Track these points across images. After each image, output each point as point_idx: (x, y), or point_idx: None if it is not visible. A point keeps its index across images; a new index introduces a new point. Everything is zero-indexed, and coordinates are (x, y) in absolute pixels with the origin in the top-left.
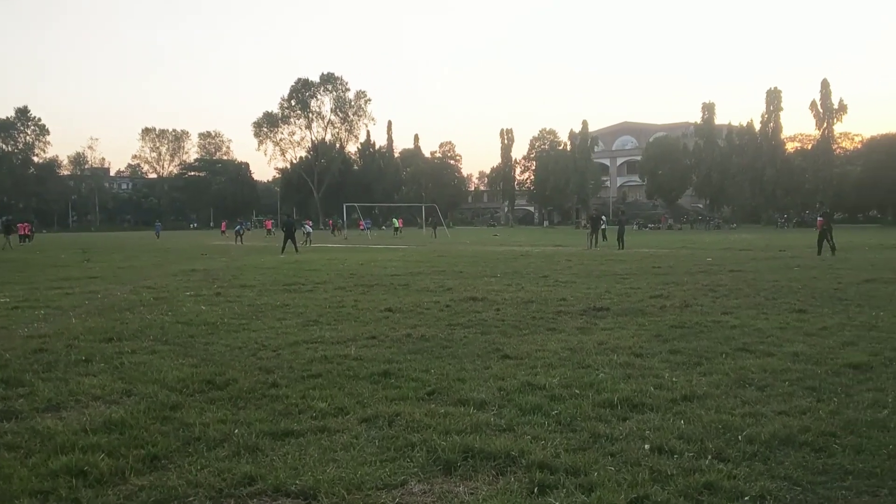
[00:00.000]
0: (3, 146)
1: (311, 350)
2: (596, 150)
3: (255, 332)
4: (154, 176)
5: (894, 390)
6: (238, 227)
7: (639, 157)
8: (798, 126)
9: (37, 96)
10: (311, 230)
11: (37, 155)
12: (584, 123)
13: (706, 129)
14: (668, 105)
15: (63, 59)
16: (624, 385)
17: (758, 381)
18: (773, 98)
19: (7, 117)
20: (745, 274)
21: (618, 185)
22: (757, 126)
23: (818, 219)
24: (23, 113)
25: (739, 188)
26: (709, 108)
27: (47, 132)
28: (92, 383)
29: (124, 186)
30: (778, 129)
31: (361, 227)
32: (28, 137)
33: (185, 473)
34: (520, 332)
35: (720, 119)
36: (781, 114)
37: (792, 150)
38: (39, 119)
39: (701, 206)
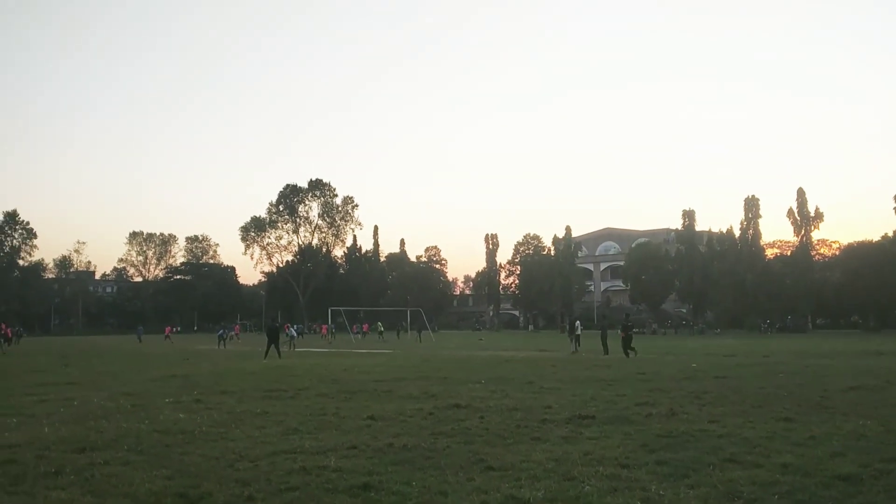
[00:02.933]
0: None
1: (290, 461)
2: (579, 255)
3: (234, 441)
4: (140, 279)
5: None
6: (221, 331)
7: (622, 262)
8: (777, 232)
9: (27, 199)
10: (295, 334)
11: (22, 258)
12: (568, 229)
13: (687, 235)
14: (649, 211)
15: (54, 162)
16: (610, 499)
17: (747, 494)
18: (752, 205)
19: None
20: (731, 380)
21: (601, 289)
22: (737, 232)
23: (620, 331)
24: (11, 217)
25: (722, 293)
26: (689, 215)
27: (35, 236)
28: (60, 497)
29: (109, 290)
30: (757, 235)
31: (355, 331)
32: (15, 241)
33: None
34: (504, 441)
35: (700, 225)
36: (760, 220)
37: (772, 256)
38: (28, 223)
39: (684, 310)
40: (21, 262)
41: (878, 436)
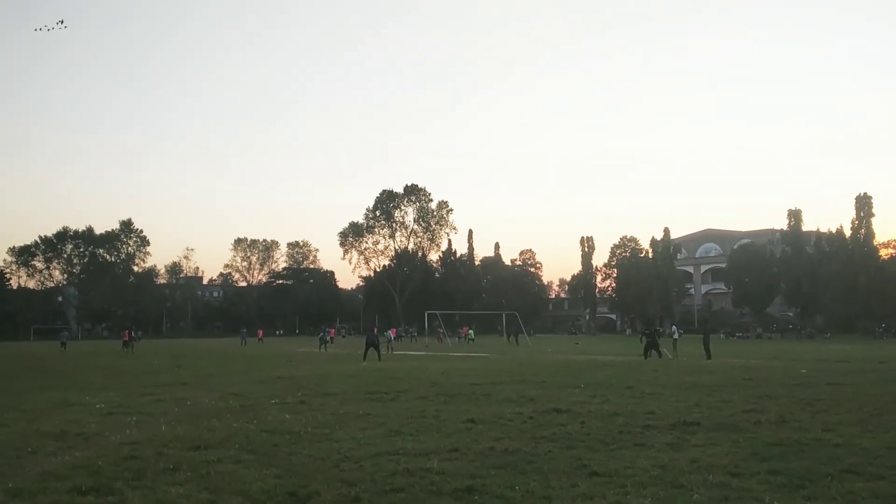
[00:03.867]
0: (108, 256)
1: (394, 462)
2: (679, 257)
3: (338, 442)
4: (244, 284)
5: None
6: (322, 333)
7: (723, 265)
8: (892, 232)
9: (140, 208)
10: (392, 337)
11: (137, 265)
12: (666, 231)
13: (793, 235)
14: (751, 211)
15: (164, 173)
16: None
17: None
18: (864, 203)
19: (112, 229)
20: (845, 387)
21: (702, 292)
22: (847, 232)
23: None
24: (126, 225)
25: (832, 296)
26: (795, 215)
27: (148, 243)
28: (179, 493)
29: (215, 294)
30: (870, 234)
31: (463, 334)
32: (130, 248)
33: None
34: (607, 446)
35: (807, 225)
36: (873, 219)
37: (886, 257)
38: (141, 231)
39: (791, 314)
40: (135, 269)
41: None
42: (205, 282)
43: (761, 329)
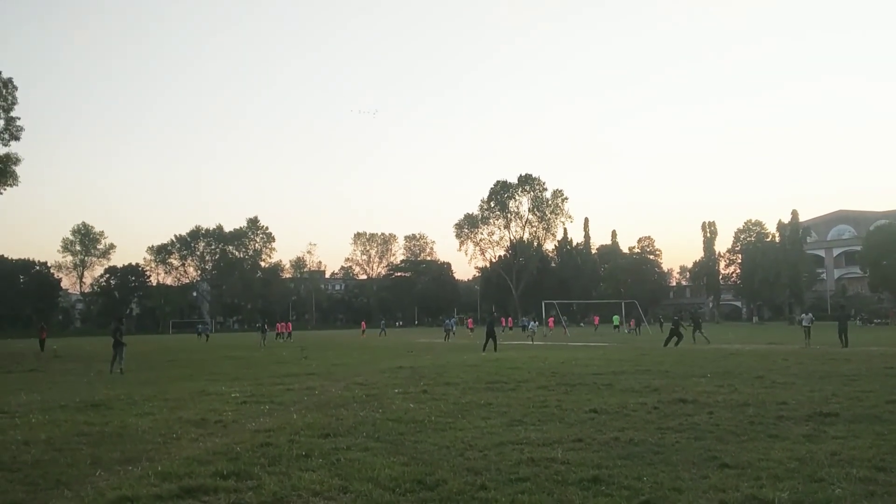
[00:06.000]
0: (236, 253)
1: (518, 451)
2: (808, 240)
3: (462, 430)
4: (364, 277)
5: None
6: (447, 322)
7: (858, 248)
8: None
9: (265, 206)
10: (534, 325)
11: (263, 260)
12: (794, 213)
13: None
14: (887, 190)
15: (287, 171)
16: (867, 503)
17: None
18: None
19: (240, 227)
20: None
21: (835, 277)
22: None
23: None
24: (253, 223)
25: None
26: None
27: (273, 239)
28: (311, 479)
29: (337, 287)
30: None
31: (597, 322)
32: (257, 245)
33: None
34: (738, 438)
35: None
36: None
37: None
38: (267, 227)
39: None
40: (262, 264)
41: None
42: (327, 276)
43: None
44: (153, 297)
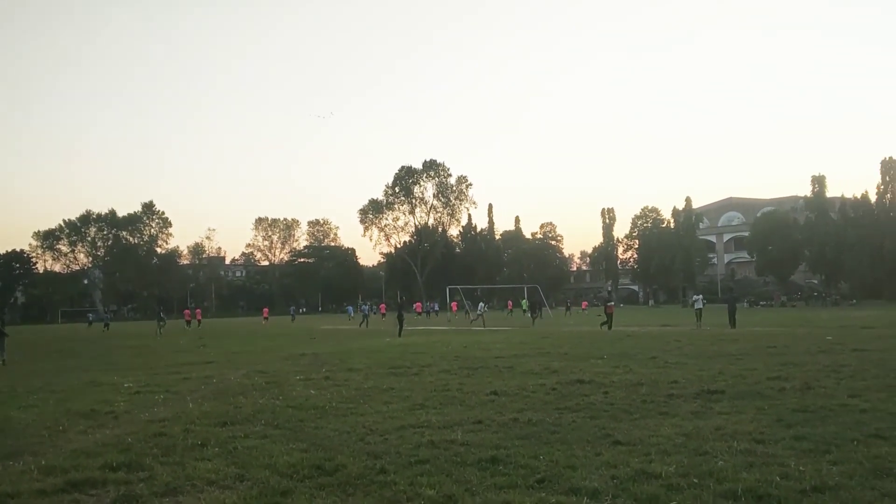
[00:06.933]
0: (130, 238)
1: (418, 435)
2: (701, 226)
3: (363, 416)
4: (266, 263)
5: None
6: (364, 307)
7: (746, 233)
8: None
9: (162, 190)
10: (483, 307)
11: (160, 246)
12: (688, 200)
13: (817, 202)
14: (774, 179)
15: (184, 154)
16: (746, 474)
17: None
18: (889, 168)
19: (135, 212)
20: (871, 353)
21: (725, 261)
22: (873, 198)
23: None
24: (148, 207)
25: (857, 262)
26: (819, 181)
27: (170, 224)
28: (207, 468)
29: (238, 274)
30: None
31: (510, 307)
32: (153, 230)
33: None
34: (630, 416)
35: (832, 192)
36: None
37: None
38: (163, 212)
39: (815, 281)
40: (158, 250)
41: None
42: (227, 262)
43: (785, 297)
44: (40, 285)
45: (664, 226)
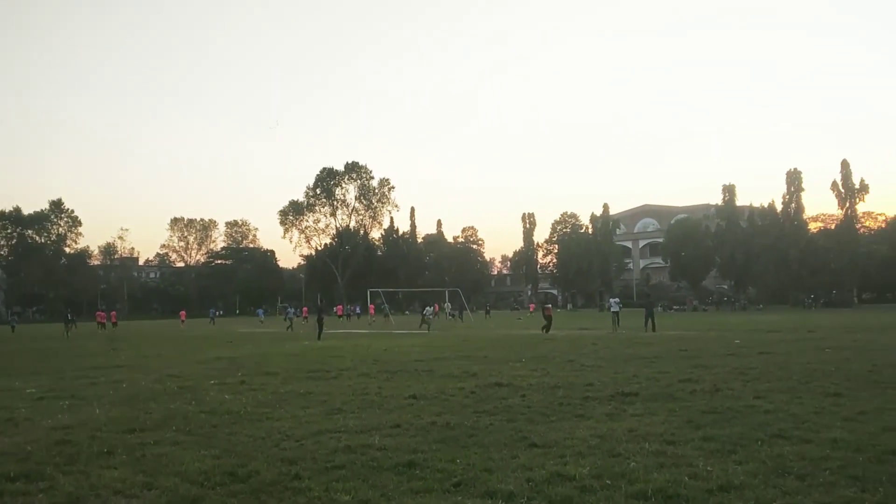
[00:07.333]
0: (37, 238)
1: (335, 440)
2: (618, 232)
3: (279, 421)
4: (182, 264)
5: None
6: (289, 310)
7: (661, 239)
8: (820, 206)
9: (70, 188)
10: (430, 311)
11: (69, 246)
12: (605, 207)
13: (727, 210)
14: (687, 187)
15: (96, 151)
16: (657, 475)
17: (797, 469)
18: (794, 179)
19: (41, 210)
20: (776, 356)
21: (640, 267)
22: (779, 207)
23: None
24: (56, 205)
25: (764, 269)
26: (729, 190)
27: (79, 223)
28: (113, 476)
29: (152, 275)
30: (800, 209)
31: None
32: (61, 229)
33: None
34: (547, 419)
35: (741, 200)
36: (803, 194)
37: (815, 231)
38: (72, 211)
39: (725, 287)
40: (67, 250)
41: None
42: (141, 262)
43: (697, 301)
44: None
45: (582, 231)
